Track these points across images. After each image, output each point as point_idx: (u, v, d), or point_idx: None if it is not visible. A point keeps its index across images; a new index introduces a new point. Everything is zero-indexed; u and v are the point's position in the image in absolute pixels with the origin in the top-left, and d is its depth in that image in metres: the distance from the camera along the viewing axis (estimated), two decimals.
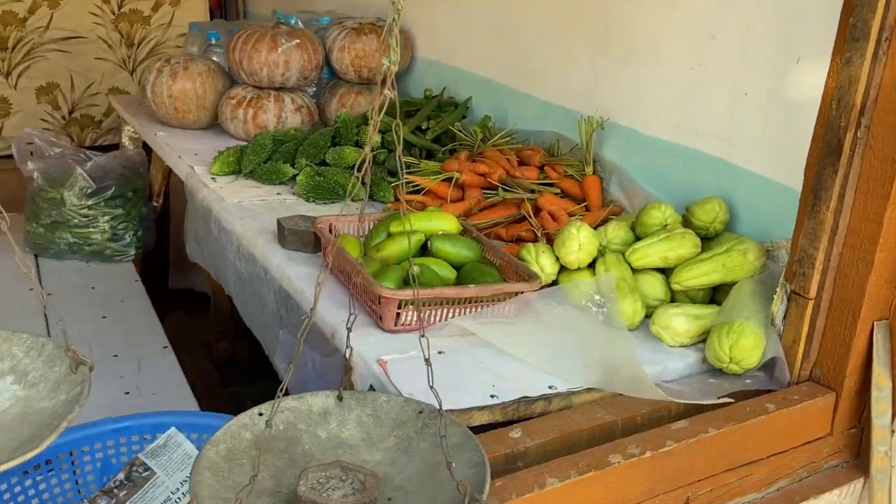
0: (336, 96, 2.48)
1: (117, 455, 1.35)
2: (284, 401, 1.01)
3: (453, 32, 2.38)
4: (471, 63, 2.30)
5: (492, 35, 2.21)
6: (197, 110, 2.43)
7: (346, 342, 1.03)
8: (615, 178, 1.78)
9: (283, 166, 1.98)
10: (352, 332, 1.23)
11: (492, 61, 2.21)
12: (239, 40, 2.32)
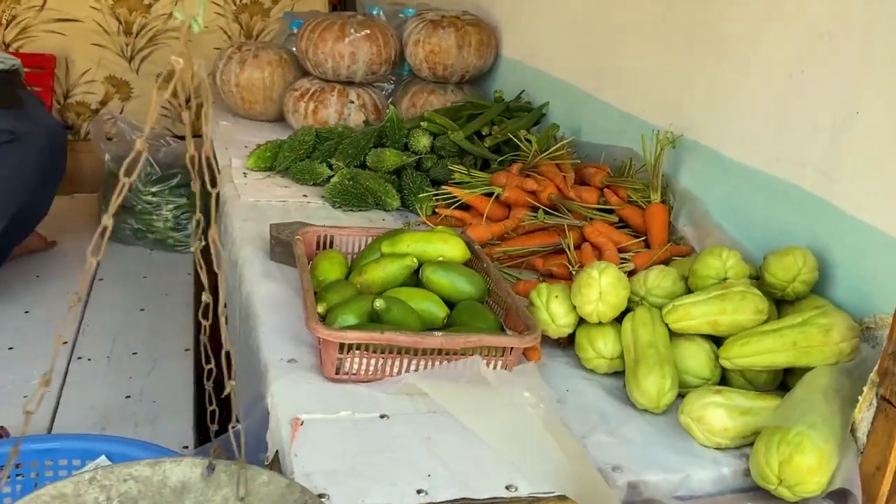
0: (408, 95, 2.27)
1: (41, 479, 1.20)
2: (132, 466, 0.79)
3: (537, 30, 2.09)
4: (552, 65, 1.99)
5: (575, 33, 1.89)
6: (264, 101, 2.31)
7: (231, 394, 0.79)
8: (686, 209, 1.42)
9: (318, 166, 1.79)
10: (292, 375, 1.01)
11: (572, 62, 1.90)
12: (307, 29, 2.17)
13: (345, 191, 1.68)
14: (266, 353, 1.07)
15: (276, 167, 1.83)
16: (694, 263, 1.15)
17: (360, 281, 1.20)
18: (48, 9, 3.44)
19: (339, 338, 0.97)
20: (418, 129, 1.85)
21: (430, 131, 1.86)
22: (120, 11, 3.53)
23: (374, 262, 1.22)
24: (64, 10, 3.45)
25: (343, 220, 1.62)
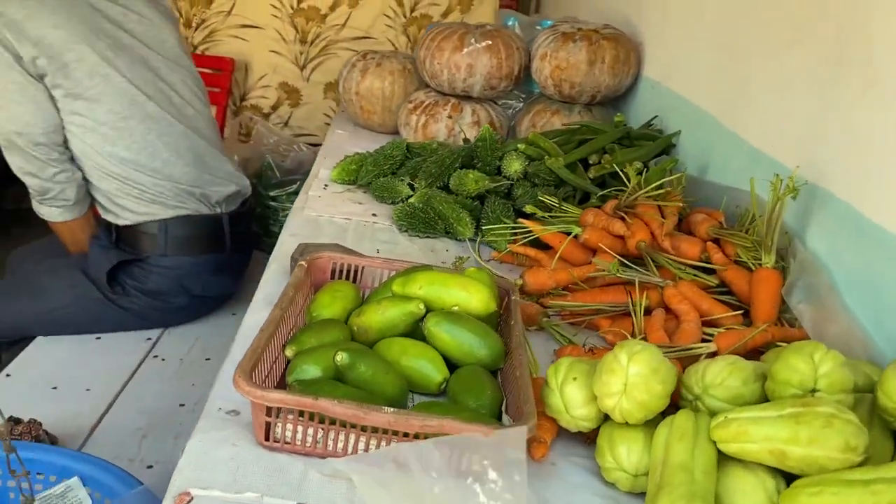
0: (530, 114, 2.04)
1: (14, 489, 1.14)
2: None
3: (677, 47, 1.77)
4: (688, 88, 1.67)
5: (711, 51, 1.56)
6: (382, 112, 2.21)
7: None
8: (806, 280, 1.06)
9: (399, 184, 1.63)
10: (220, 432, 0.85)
11: (708, 86, 1.57)
12: (428, 37, 2.03)
13: (412, 214, 1.50)
14: (211, 397, 0.92)
15: (358, 181, 1.70)
16: (775, 362, 0.82)
17: (357, 324, 1.02)
18: (234, 14, 3.63)
19: (261, 398, 0.78)
20: (513, 151, 1.62)
21: (528, 155, 1.63)
22: (298, 21, 3.64)
23: (374, 304, 1.02)
24: (248, 16, 3.63)
25: (402, 246, 1.45)
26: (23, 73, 1.59)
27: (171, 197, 1.80)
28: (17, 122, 1.62)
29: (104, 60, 1.68)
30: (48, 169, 1.68)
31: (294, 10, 3.62)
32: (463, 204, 1.53)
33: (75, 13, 1.64)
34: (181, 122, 1.84)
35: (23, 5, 1.57)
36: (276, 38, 3.68)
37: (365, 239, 1.45)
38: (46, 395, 1.69)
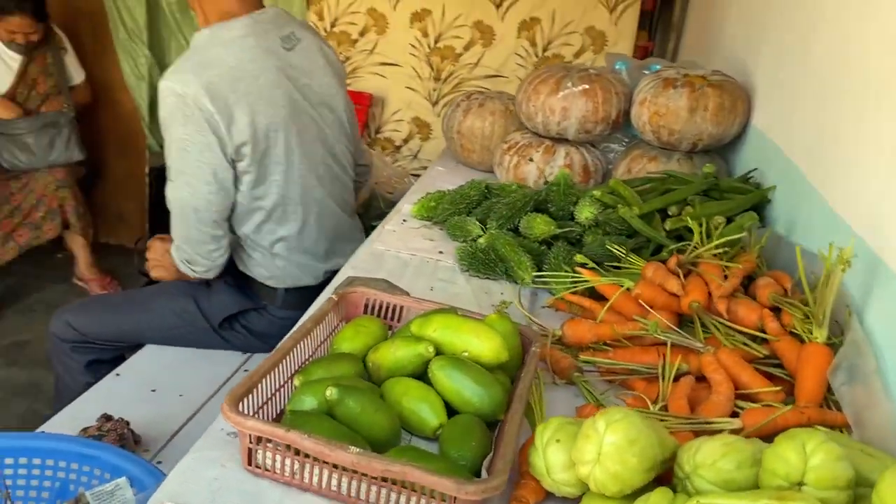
0: (627, 158, 1.98)
1: (76, 482, 1.26)
2: None
3: (783, 96, 1.65)
4: (787, 141, 1.55)
5: (809, 101, 1.45)
6: (481, 151, 2.24)
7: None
8: (851, 360, 0.94)
9: (471, 223, 1.65)
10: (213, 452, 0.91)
11: (802, 140, 1.45)
12: (527, 80, 2.04)
13: (474, 254, 1.51)
14: (218, 417, 0.97)
15: (434, 218, 1.74)
16: (767, 451, 0.74)
17: (372, 360, 1.04)
18: (376, 53, 3.83)
19: (238, 423, 0.83)
20: (588, 197, 1.59)
21: (603, 202, 1.59)
22: (433, 59, 3.78)
23: (389, 342, 1.04)
24: (388, 54, 3.82)
25: (458, 286, 1.46)
26: (222, 157, 1.54)
27: (306, 270, 1.81)
28: (199, 199, 1.57)
29: (293, 147, 1.65)
30: (206, 246, 1.64)
31: (431, 49, 3.76)
32: (528, 248, 1.52)
33: (278, 95, 1.59)
34: (336, 202, 1.83)
35: (233, 89, 1.51)
36: (412, 76, 3.84)
37: (423, 276, 1.47)
38: (145, 396, 1.84)
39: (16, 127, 3.07)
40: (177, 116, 1.49)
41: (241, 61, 1.54)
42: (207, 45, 1.55)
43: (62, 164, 3.20)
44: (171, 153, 1.55)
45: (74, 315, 1.85)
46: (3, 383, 2.64)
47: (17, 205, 3.08)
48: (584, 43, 3.55)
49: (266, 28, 1.60)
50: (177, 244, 1.67)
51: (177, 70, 1.52)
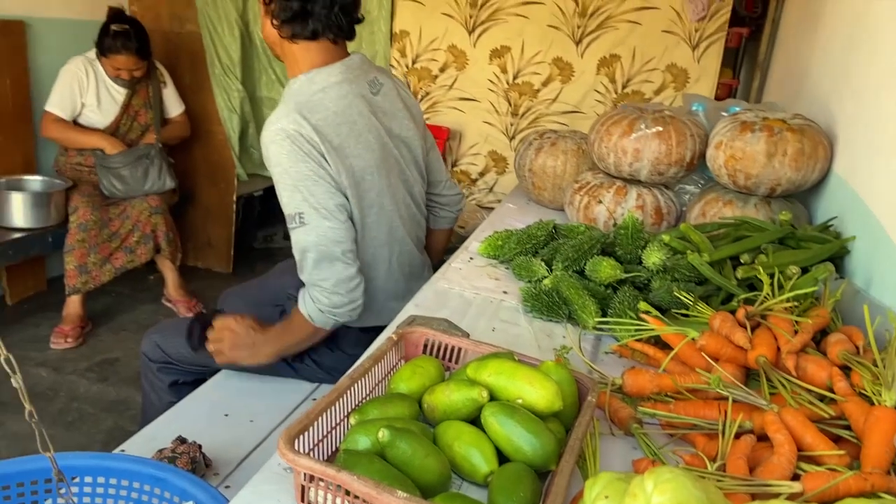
0: (701, 202, 1.95)
1: None
2: None
3: (865, 143, 1.59)
4: (867, 189, 1.49)
5: (889, 148, 1.39)
6: (552, 189, 2.25)
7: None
8: None
9: (537, 264, 1.65)
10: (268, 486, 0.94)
11: (884, 190, 1.40)
12: (599, 121, 2.04)
13: (538, 295, 1.51)
14: (276, 453, 1.01)
15: (500, 257, 1.75)
16: None
17: (427, 401, 1.06)
18: (455, 88, 3.91)
19: (292, 461, 0.86)
20: (656, 242, 1.57)
21: (673, 248, 1.56)
22: (511, 95, 3.83)
23: (444, 385, 1.06)
24: (467, 90, 3.89)
25: (520, 327, 1.46)
26: (341, 194, 1.56)
27: (381, 312, 1.78)
28: (337, 231, 1.53)
29: (384, 189, 1.66)
30: (351, 282, 1.57)
31: (509, 85, 3.80)
32: (593, 291, 1.51)
33: (371, 138, 1.62)
34: (413, 241, 1.83)
35: (337, 133, 1.55)
36: (490, 110, 3.89)
37: (485, 316, 1.48)
38: (218, 420, 1.91)
39: (113, 161, 3.30)
40: (295, 156, 1.49)
41: (340, 106, 1.57)
42: (306, 90, 1.57)
43: (156, 192, 3.40)
44: (297, 196, 1.51)
45: (161, 336, 1.94)
46: (93, 399, 2.79)
47: (115, 230, 3.28)
48: (665, 80, 3.52)
49: (356, 73, 1.63)
50: (317, 290, 1.57)
51: (283, 115, 1.52)
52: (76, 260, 3.14)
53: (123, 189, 3.34)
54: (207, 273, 4.22)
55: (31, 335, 3.15)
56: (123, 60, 3.25)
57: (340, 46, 1.63)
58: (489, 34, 3.73)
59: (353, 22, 1.61)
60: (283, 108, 1.54)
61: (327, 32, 1.56)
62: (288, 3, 1.52)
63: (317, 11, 1.53)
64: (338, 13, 1.54)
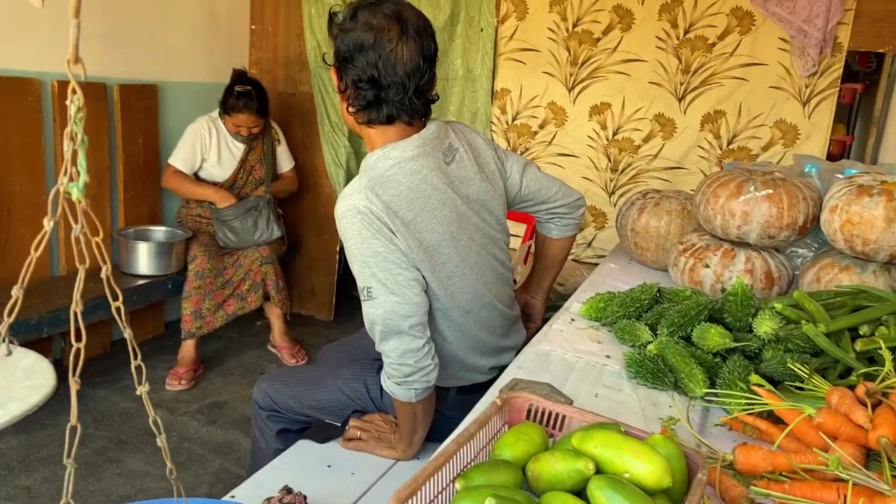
0: (816, 266, 1.88)
1: None
2: None
3: None
4: None
5: None
6: (656, 250, 2.22)
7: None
8: None
9: (641, 329, 1.63)
10: None
11: None
12: (706, 182, 2.02)
13: (642, 362, 1.49)
14: None
15: (603, 320, 1.74)
16: None
17: (531, 470, 1.06)
18: (554, 144, 3.95)
19: None
20: (769, 310, 1.52)
21: (785, 316, 1.51)
22: (611, 151, 3.82)
23: (549, 454, 1.06)
24: (566, 146, 3.92)
25: (623, 394, 1.45)
26: (412, 268, 1.56)
27: (474, 370, 1.80)
28: (407, 305, 1.53)
29: (463, 258, 1.66)
30: (420, 352, 1.56)
31: (609, 140, 3.81)
32: (701, 359, 1.48)
33: (447, 211, 1.61)
34: (502, 302, 1.82)
35: (410, 208, 1.55)
36: (589, 166, 3.89)
37: (588, 381, 1.48)
38: (321, 471, 1.96)
39: (225, 213, 3.52)
40: (364, 232, 1.51)
41: (414, 181, 1.57)
42: (380, 166, 1.57)
43: (265, 242, 3.59)
44: (366, 271, 1.53)
45: (270, 384, 2.01)
46: (202, 441, 2.92)
47: (228, 278, 3.47)
48: (774, 136, 3.42)
49: (432, 146, 1.63)
50: (387, 362, 1.59)
51: (355, 190, 1.54)
52: (192, 306, 3.34)
53: (235, 240, 3.54)
54: (310, 320, 4.37)
55: (149, 376, 3.32)
56: (244, 119, 3.49)
57: (418, 121, 1.63)
58: (589, 91, 3.75)
59: (429, 103, 1.60)
60: (357, 184, 1.55)
61: (402, 116, 1.57)
62: (362, 93, 1.53)
63: (391, 98, 1.53)
64: (412, 97, 1.54)
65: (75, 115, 0.59)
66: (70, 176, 0.61)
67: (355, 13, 1.52)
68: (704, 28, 3.40)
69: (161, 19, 3.67)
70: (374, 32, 1.49)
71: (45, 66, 3.09)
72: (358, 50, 1.50)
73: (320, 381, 1.94)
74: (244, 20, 4.25)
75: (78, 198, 0.63)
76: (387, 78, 1.50)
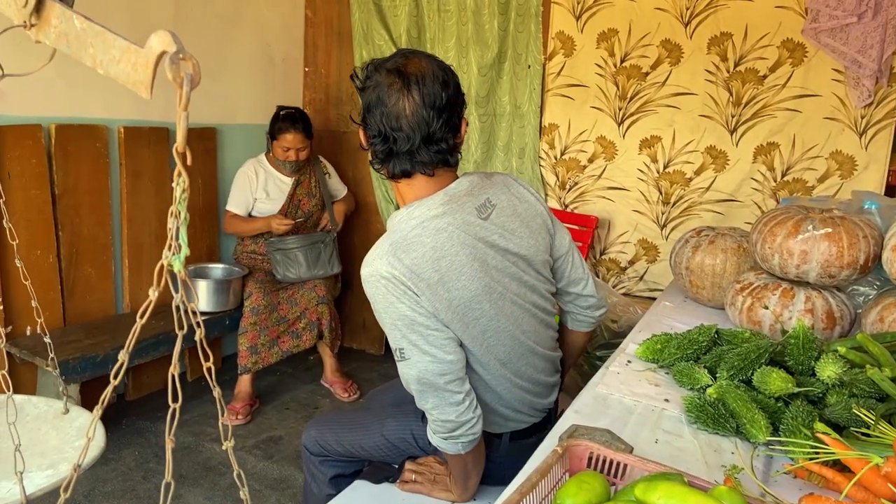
0: (878, 306, 1.84)
1: None
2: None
3: None
4: None
5: None
6: (712, 288, 2.20)
7: None
8: None
9: (699, 371, 1.62)
10: None
11: None
12: (762, 221, 2.00)
13: (702, 407, 1.48)
14: None
15: (660, 362, 1.73)
16: None
17: None
18: (604, 178, 3.95)
19: None
20: (832, 353, 1.50)
21: (849, 360, 1.48)
22: (662, 184, 3.81)
23: (611, 503, 1.06)
24: (616, 179, 3.91)
25: (684, 440, 1.43)
26: (442, 327, 1.56)
27: (522, 413, 1.79)
28: (441, 364, 1.53)
29: (497, 311, 1.63)
30: (460, 406, 1.56)
31: (660, 174, 3.80)
32: (762, 404, 1.46)
33: (476, 267, 1.58)
34: (544, 347, 1.80)
35: (436, 268, 1.53)
36: (640, 199, 3.88)
37: (647, 426, 1.47)
38: None
39: (289, 242, 3.63)
40: (391, 297, 1.51)
41: (439, 240, 1.54)
42: (403, 227, 1.56)
43: (324, 277, 3.67)
44: (396, 333, 1.54)
45: (318, 430, 2.02)
46: (259, 476, 2.97)
47: (283, 314, 3.55)
48: (830, 168, 3.37)
49: (461, 201, 1.60)
50: (430, 419, 1.59)
51: (377, 256, 1.53)
52: (248, 341, 3.42)
53: (295, 271, 3.63)
54: (361, 354, 4.42)
55: (208, 411, 3.42)
56: (291, 139, 3.62)
57: (444, 174, 1.61)
58: (639, 125, 3.76)
59: (444, 152, 1.57)
60: (380, 248, 1.55)
61: (417, 168, 1.56)
62: (376, 148, 1.56)
63: (400, 151, 1.53)
64: (419, 148, 1.53)
65: (180, 196, 0.63)
66: (173, 250, 0.66)
67: (368, 73, 1.57)
68: (755, 60, 3.38)
69: (220, 65, 3.82)
70: (379, 89, 1.52)
71: (112, 113, 3.24)
72: (368, 108, 1.54)
73: (367, 428, 1.95)
74: (298, 63, 4.39)
75: (179, 269, 0.67)
76: (392, 132, 1.52)
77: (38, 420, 1.50)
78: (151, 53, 0.60)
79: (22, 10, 0.69)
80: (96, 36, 0.64)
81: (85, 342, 3.00)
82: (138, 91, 0.63)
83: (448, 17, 4.00)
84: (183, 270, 0.69)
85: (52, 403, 1.58)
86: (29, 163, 2.92)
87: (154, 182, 3.47)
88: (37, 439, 1.41)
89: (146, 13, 3.35)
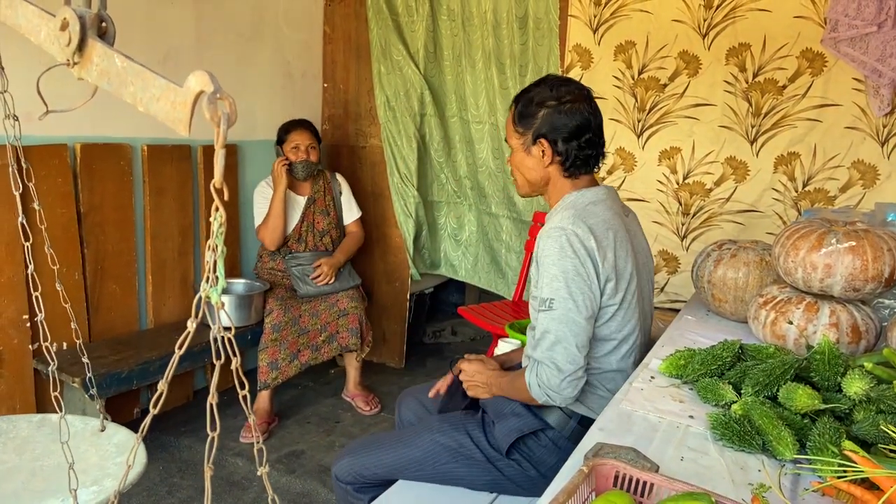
0: None
1: None
2: None
3: None
4: None
5: None
6: (734, 302, 2.19)
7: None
8: None
9: (724, 387, 1.61)
10: None
11: None
12: (785, 234, 1.99)
13: (728, 423, 1.47)
14: None
15: (684, 377, 1.73)
16: None
17: None
18: (623, 189, 3.94)
19: None
20: (858, 369, 1.49)
21: (876, 375, 1.47)
22: (682, 195, 3.80)
23: None
24: (636, 191, 3.90)
25: (710, 457, 1.43)
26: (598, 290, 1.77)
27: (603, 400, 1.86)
28: (579, 326, 1.73)
29: (640, 290, 1.90)
30: (576, 373, 1.74)
31: (679, 185, 3.79)
32: (789, 420, 1.45)
33: (629, 248, 1.86)
34: (645, 344, 2.02)
35: (606, 236, 1.78)
36: (660, 210, 3.87)
37: (672, 443, 1.46)
38: None
39: (303, 258, 3.67)
40: (564, 252, 1.73)
41: (608, 217, 1.83)
42: (580, 202, 1.85)
43: (343, 290, 3.70)
44: (555, 283, 1.73)
45: (352, 458, 2.03)
46: (282, 490, 2.99)
47: (304, 328, 3.58)
48: (852, 177, 3.35)
49: (613, 197, 1.93)
50: (546, 368, 1.74)
51: (565, 217, 1.78)
52: (268, 357, 3.44)
53: (315, 288, 3.66)
54: (382, 367, 4.44)
55: (230, 426, 3.44)
56: (299, 136, 3.68)
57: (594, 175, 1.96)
58: (658, 136, 3.75)
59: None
60: (565, 214, 1.80)
61: (595, 165, 1.92)
62: (579, 154, 1.85)
63: (595, 154, 1.90)
64: (600, 149, 1.92)
65: (217, 230, 0.65)
66: (211, 282, 0.68)
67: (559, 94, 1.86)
68: (774, 71, 3.37)
69: (240, 82, 3.87)
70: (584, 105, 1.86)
71: (136, 132, 3.29)
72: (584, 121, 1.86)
73: (408, 441, 1.96)
74: (317, 79, 4.44)
75: (216, 301, 0.69)
76: (597, 138, 1.90)
77: (75, 438, 1.53)
78: (189, 93, 0.62)
79: (65, 49, 0.71)
80: (136, 75, 0.66)
81: (110, 358, 3.04)
82: (176, 129, 0.65)
83: (472, 31, 4.01)
84: (220, 302, 0.70)
85: (88, 421, 1.61)
86: (55, 182, 2.97)
87: (177, 199, 3.51)
88: (78, 457, 1.43)
89: (167, 32, 3.41)
